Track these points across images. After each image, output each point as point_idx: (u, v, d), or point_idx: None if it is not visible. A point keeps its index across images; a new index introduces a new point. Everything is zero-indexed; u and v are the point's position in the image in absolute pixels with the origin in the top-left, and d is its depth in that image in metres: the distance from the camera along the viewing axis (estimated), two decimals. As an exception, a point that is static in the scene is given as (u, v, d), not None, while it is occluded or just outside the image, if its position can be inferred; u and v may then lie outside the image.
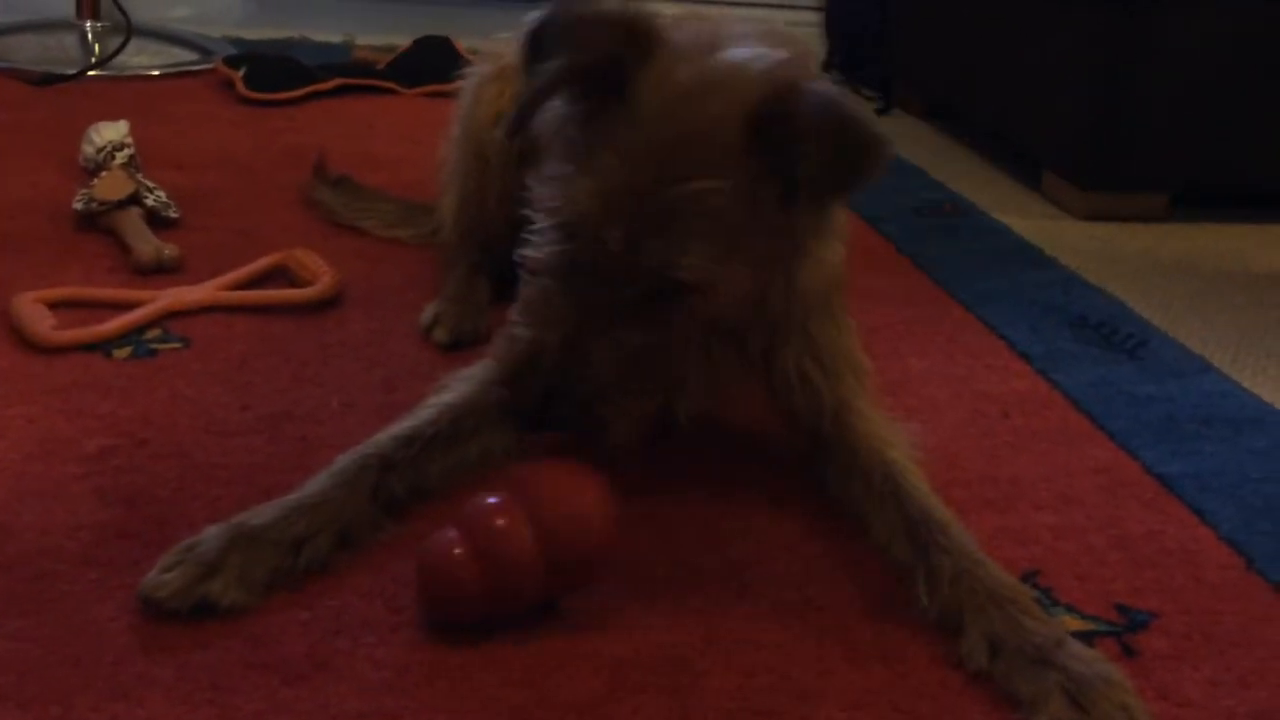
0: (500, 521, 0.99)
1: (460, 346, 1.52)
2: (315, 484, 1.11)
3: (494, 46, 1.71)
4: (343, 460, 1.13)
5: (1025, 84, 2.48)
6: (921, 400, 1.51)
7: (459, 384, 1.24)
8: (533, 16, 1.07)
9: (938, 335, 1.71)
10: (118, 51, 2.64)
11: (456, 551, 0.99)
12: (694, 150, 1.02)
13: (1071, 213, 2.35)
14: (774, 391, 1.25)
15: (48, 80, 2.51)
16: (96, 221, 1.77)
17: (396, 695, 0.96)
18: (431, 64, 2.74)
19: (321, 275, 1.63)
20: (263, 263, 1.67)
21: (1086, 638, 1.08)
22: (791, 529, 1.22)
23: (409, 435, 1.17)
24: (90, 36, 2.82)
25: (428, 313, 1.57)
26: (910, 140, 2.76)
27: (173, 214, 1.82)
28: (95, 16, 2.83)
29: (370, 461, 1.13)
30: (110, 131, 1.93)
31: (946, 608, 1.07)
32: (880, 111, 3.02)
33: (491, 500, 1.02)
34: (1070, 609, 1.13)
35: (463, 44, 2.86)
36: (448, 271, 1.66)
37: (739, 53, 1.06)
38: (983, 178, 2.55)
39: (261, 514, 1.07)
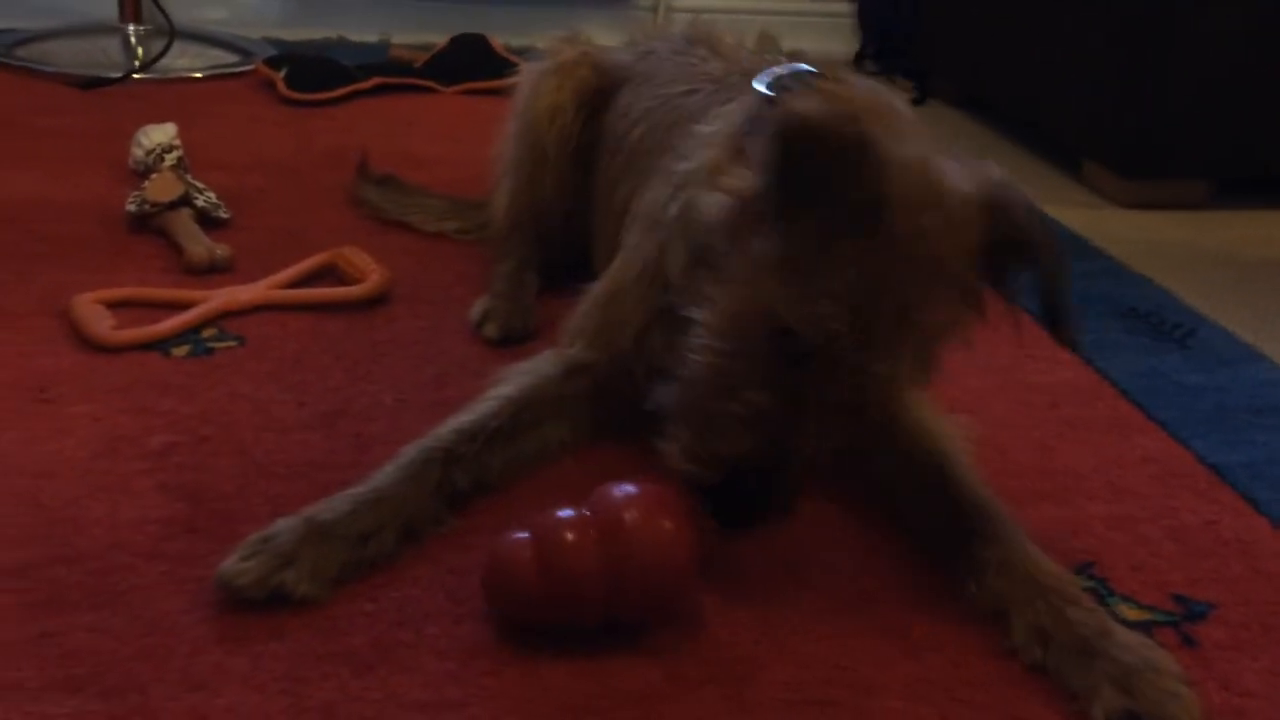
0: (570, 536, 1.00)
1: (510, 342, 1.54)
2: (382, 477, 1.13)
3: (551, 43, 1.71)
4: (408, 453, 1.15)
5: (1062, 72, 2.46)
6: (967, 392, 1.50)
7: (518, 377, 1.26)
8: (771, 120, 1.02)
9: (981, 327, 1.71)
10: (161, 55, 2.67)
11: (524, 555, 1.01)
12: (937, 284, 1.03)
13: (1112, 201, 2.33)
14: None
15: (93, 84, 2.55)
16: (148, 223, 1.80)
17: (460, 685, 0.97)
18: (468, 62, 2.76)
19: (370, 273, 1.65)
20: (312, 261, 1.69)
21: (1145, 627, 1.08)
22: (845, 522, 1.22)
23: (472, 429, 1.19)
24: (133, 40, 2.85)
25: (477, 308, 1.59)
26: (946, 131, 2.75)
27: (223, 214, 1.85)
28: (138, 20, 2.86)
29: (435, 455, 1.15)
30: (158, 134, 1.96)
31: (993, 599, 1.07)
32: (915, 102, 3.01)
33: (567, 513, 1.02)
34: (1128, 599, 1.13)
35: (499, 41, 2.87)
36: (497, 265, 1.67)
37: (953, 173, 1.06)
38: (1021, 167, 2.54)
39: (332, 507, 1.08)
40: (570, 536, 1.00)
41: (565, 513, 1.02)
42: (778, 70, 1.19)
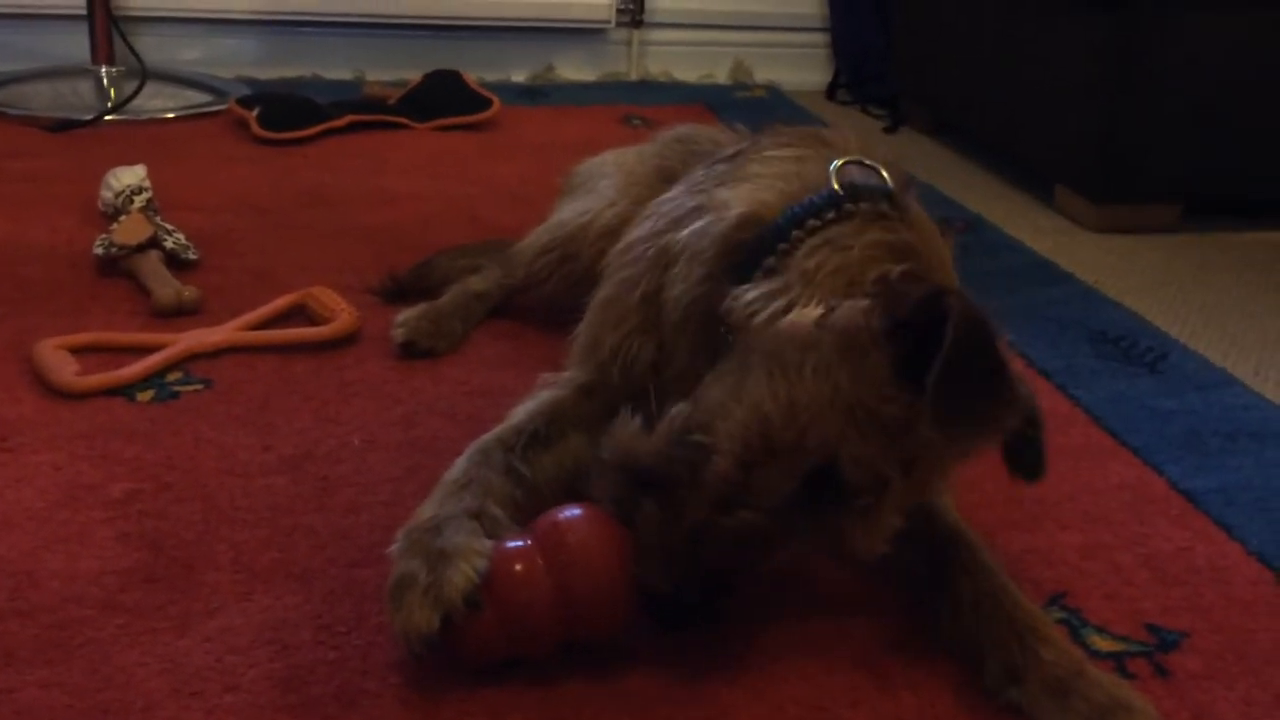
0: (518, 567, 0.99)
1: (413, 352, 1.58)
2: (454, 471, 1.12)
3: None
4: (469, 450, 1.16)
5: (1034, 98, 2.48)
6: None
7: (537, 396, 1.25)
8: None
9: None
10: (133, 96, 2.67)
11: None
12: (961, 458, 1.06)
13: (1084, 226, 2.34)
14: None
15: (64, 126, 2.54)
16: (117, 265, 1.79)
17: (425, 735, 0.95)
18: (442, 98, 2.77)
19: (339, 313, 1.64)
20: (281, 302, 1.68)
21: (1118, 658, 1.07)
22: (818, 556, 1.21)
23: (515, 429, 1.19)
24: (105, 81, 2.85)
25: (404, 313, 1.62)
26: (919, 158, 2.76)
27: (192, 256, 1.84)
28: (110, 62, 2.86)
29: (492, 445, 1.16)
30: (128, 176, 1.95)
31: (967, 636, 1.06)
32: (888, 130, 3.03)
33: (512, 545, 1.02)
34: (1100, 630, 1.12)
35: (473, 77, 2.88)
36: (457, 284, 1.70)
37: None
38: (993, 193, 2.55)
39: (423, 511, 1.06)
40: (519, 568, 0.99)
41: (509, 545, 1.01)
42: (849, 164, 1.16)
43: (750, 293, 1.08)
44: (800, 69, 3.45)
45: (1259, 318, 1.93)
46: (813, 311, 1.03)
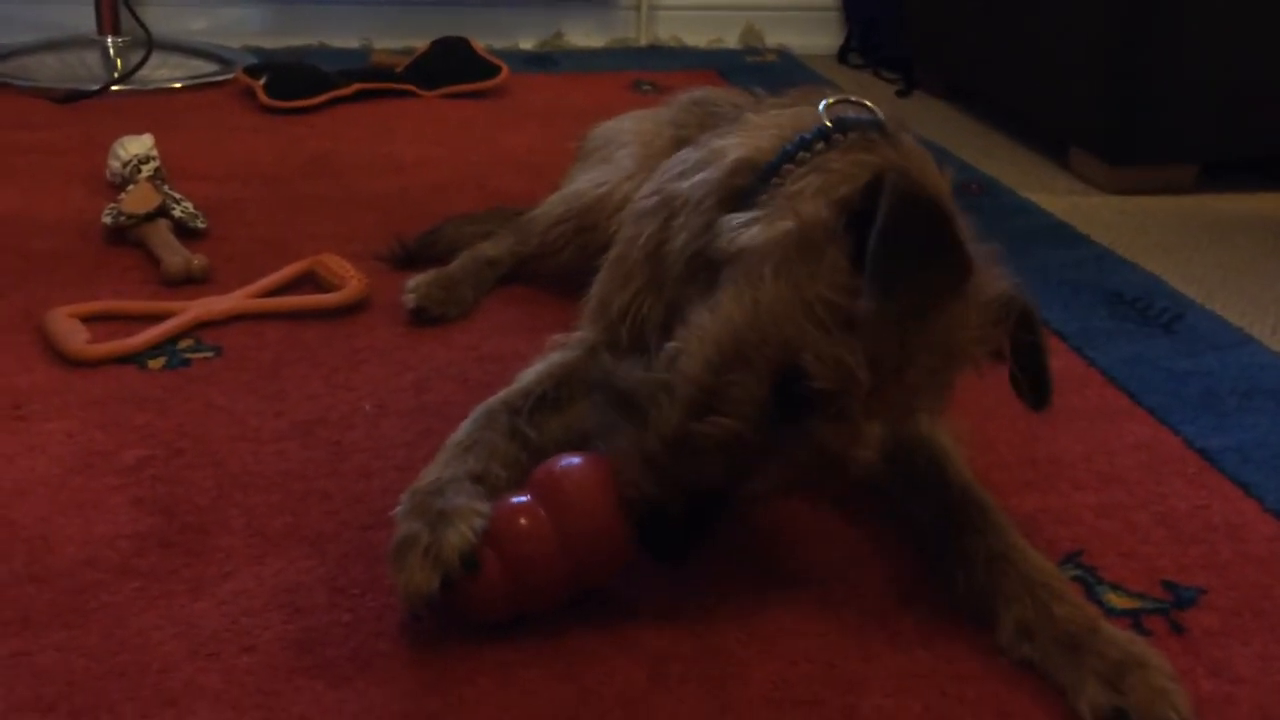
0: (523, 522, 1.00)
1: (425, 318, 1.57)
2: (459, 433, 1.12)
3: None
4: (474, 412, 1.16)
5: (1047, 60, 2.45)
6: (962, 383, 1.49)
7: (548, 358, 1.25)
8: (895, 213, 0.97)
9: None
10: (140, 66, 2.66)
11: (484, 555, 0.99)
12: (954, 369, 1.05)
13: (1099, 188, 2.32)
14: None
15: (71, 97, 2.53)
16: (125, 235, 1.79)
17: (439, 695, 0.96)
18: (450, 65, 2.75)
19: (349, 280, 1.64)
20: (291, 269, 1.68)
21: (1134, 615, 1.07)
22: (830, 515, 1.20)
23: (522, 392, 1.19)
24: (112, 52, 2.84)
25: (415, 279, 1.61)
26: (932, 121, 2.73)
27: (200, 224, 1.83)
28: (116, 32, 2.85)
29: (498, 408, 1.16)
30: (135, 145, 1.95)
31: (980, 593, 1.06)
32: (901, 94, 3.00)
33: (514, 501, 1.02)
34: (1116, 587, 1.11)
35: (480, 44, 2.86)
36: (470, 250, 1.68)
37: (992, 273, 1.06)
38: (1007, 156, 2.53)
39: (429, 473, 1.06)
40: (523, 522, 1.00)
41: (511, 500, 1.02)
42: (840, 103, 1.17)
43: (736, 219, 1.09)
44: (811, 32, 3.42)
45: (1275, 278, 1.91)
46: (785, 224, 1.03)
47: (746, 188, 1.14)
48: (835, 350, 0.97)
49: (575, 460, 1.04)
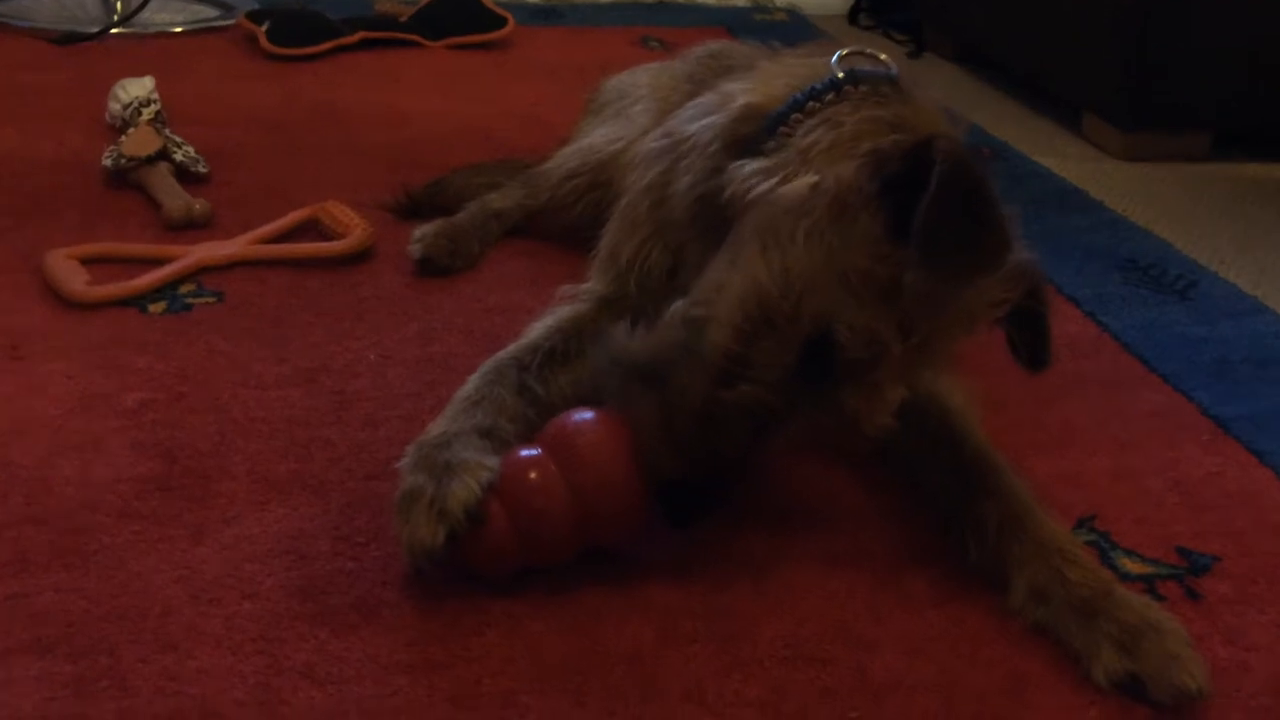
0: (533, 475, 0.98)
1: (430, 268, 1.55)
2: (467, 388, 1.11)
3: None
4: (483, 367, 1.14)
5: (1060, 24, 2.41)
6: (966, 344, 1.47)
7: (557, 311, 1.23)
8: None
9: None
10: (140, 8, 2.61)
11: (491, 507, 0.97)
12: (968, 330, 1.05)
13: (1112, 154, 2.29)
14: None
15: (70, 39, 2.49)
16: (126, 178, 1.76)
17: (444, 645, 0.94)
18: (456, 16, 2.70)
19: (353, 228, 1.61)
20: (294, 216, 1.65)
21: (1148, 581, 1.06)
22: (842, 475, 1.19)
23: (531, 347, 1.17)
24: (111, -6, 2.79)
25: (420, 228, 1.59)
26: (942, 85, 2.70)
27: (202, 169, 1.80)
28: (115, -26, 2.79)
29: (507, 363, 1.14)
30: (136, 88, 1.91)
31: (993, 556, 1.04)
32: (912, 56, 2.96)
33: (524, 454, 1.00)
34: (1130, 553, 1.10)
35: (487, -5, 2.81)
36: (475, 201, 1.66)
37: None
38: (1019, 121, 2.49)
39: (436, 426, 1.04)
40: (533, 475, 0.98)
41: (522, 453, 1.00)
42: (854, 55, 1.14)
43: (747, 167, 1.06)
44: (822, -8, 3.37)
45: (1290, 248, 1.89)
46: (806, 180, 1.01)
47: (753, 134, 1.12)
48: (869, 320, 0.95)
49: (588, 415, 1.01)
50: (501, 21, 2.72)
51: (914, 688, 0.94)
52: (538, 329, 1.21)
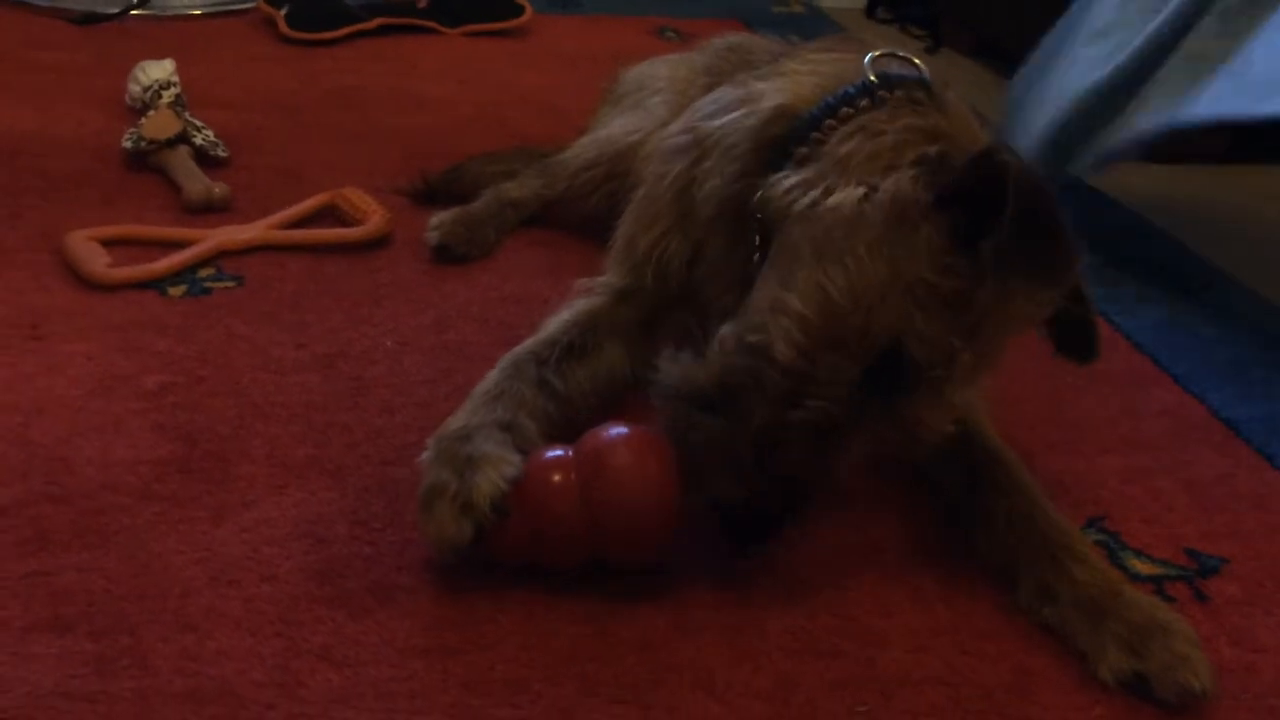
0: (555, 477, 0.98)
1: (447, 256, 1.56)
2: (486, 383, 1.11)
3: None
4: (501, 362, 1.14)
5: (1081, 21, 2.40)
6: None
7: (574, 305, 1.24)
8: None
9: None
10: (159, -10, 2.61)
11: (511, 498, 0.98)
12: (1013, 334, 1.04)
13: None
14: None
15: (89, 19, 2.49)
16: (146, 160, 1.76)
17: (460, 630, 0.96)
18: (473, 3, 2.70)
19: (371, 214, 1.62)
20: (313, 202, 1.66)
21: (1157, 582, 1.06)
22: (853, 471, 1.20)
23: (549, 341, 1.18)
24: (131, -24, 2.79)
25: (438, 215, 1.59)
26: (960, 79, 2.69)
27: (221, 153, 1.81)
28: (135, -45, 2.79)
29: (525, 358, 1.14)
30: (156, 70, 1.91)
31: (1001, 553, 1.05)
32: (929, 50, 2.95)
33: (554, 454, 1.00)
34: (1139, 553, 1.11)
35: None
36: (491, 190, 1.66)
37: None
38: (1037, 118, 2.48)
39: (456, 420, 1.04)
40: (557, 478, 0.98)
41: (553, 453, 1.00)
42: (885, 56, 1.14)
43: (786, 181, 1.05)
44: (840, -15, 3.36)
45: (1305, 250, 1.89)
46: (854, 192, 1.00)
47: (784, 136, 1.11)
48: (939, 331, 0.95)
49: (623, 436, 0.99)
50: (519, 9, 2.72)
51: (921, 682, 0.95)
52: (555, 323, 1.21)
